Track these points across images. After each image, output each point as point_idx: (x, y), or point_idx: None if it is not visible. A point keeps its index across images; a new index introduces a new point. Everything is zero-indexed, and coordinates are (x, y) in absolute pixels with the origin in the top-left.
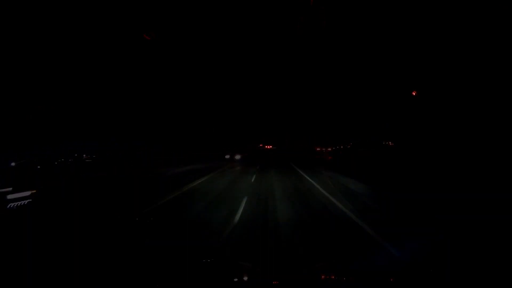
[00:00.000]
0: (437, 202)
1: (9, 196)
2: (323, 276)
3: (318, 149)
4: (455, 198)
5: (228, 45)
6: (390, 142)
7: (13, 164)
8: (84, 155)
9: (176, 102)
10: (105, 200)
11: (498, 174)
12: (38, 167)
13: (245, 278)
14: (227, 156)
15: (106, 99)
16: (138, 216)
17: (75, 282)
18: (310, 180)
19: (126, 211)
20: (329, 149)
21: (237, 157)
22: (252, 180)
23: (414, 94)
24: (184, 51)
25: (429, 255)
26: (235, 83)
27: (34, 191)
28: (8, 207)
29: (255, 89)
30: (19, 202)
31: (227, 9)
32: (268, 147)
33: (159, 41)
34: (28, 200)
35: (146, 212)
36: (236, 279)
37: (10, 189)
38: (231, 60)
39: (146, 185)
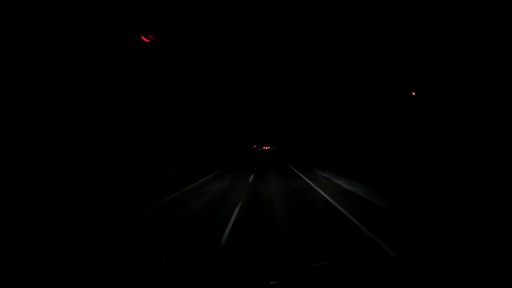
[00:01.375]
0: (438, 202)
1: None
2: (321, 276)
3: (317, 149)
4: (454, 198)
5: (227, 45)
6: (390, 142)
7: None
8: None
9: (175, 104)
10: (105, 200)
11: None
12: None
13: (243, 279)
14: (226, 157)
15: (106, 99)
16: (138, 216)
17: (74, 282)
18: (304, 177)
19: (126, 212)
20: (329, 149)
21: (236, 157)
22: (250, 180)
23: (413, 94)
24: (183, 53)
25: (428, 255)
26: (234, 84)
27: None
28: None
29: (254, 90)
30: None
31: (227, 9)
32: (266, 148)
33: (159, 43)
34: None
35: (145, 213)
36: (234, 280)
37: None
38: (230, 61)
39: (145, 186)
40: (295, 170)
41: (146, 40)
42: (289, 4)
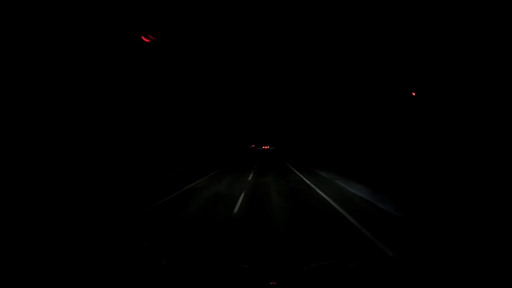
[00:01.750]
0: (436, 201)
1: None
2: (321, 276)
3: (317, 149)
4: (453, 197)
5: (227, 45)
6: (388, 142)
7: None
8: None
9: (175, 104)
10: (105, 199)
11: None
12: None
13: (243, 279)
14: (225, 157)
15: (106, 99)
16: (138, 216)
17: (74, 282)
18: (301, 176)
19: (126, 211)
20: (329, 149)
21: (235, 157)
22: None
23: (413, 94)
24: (183, 53)
25: (426, 255)
26: (233, 84)
27: None
28: None
29: (254, 90)
30: None
31: (227, 9)
32: (266, 147)
33: (159, 43)
34: None
35: (145, 213)
36: (234, 280)
37: None
38: (229, 61)
39: (145, 186)
40: (302, 177)
41: (146, 40)
42: (288, 4)
